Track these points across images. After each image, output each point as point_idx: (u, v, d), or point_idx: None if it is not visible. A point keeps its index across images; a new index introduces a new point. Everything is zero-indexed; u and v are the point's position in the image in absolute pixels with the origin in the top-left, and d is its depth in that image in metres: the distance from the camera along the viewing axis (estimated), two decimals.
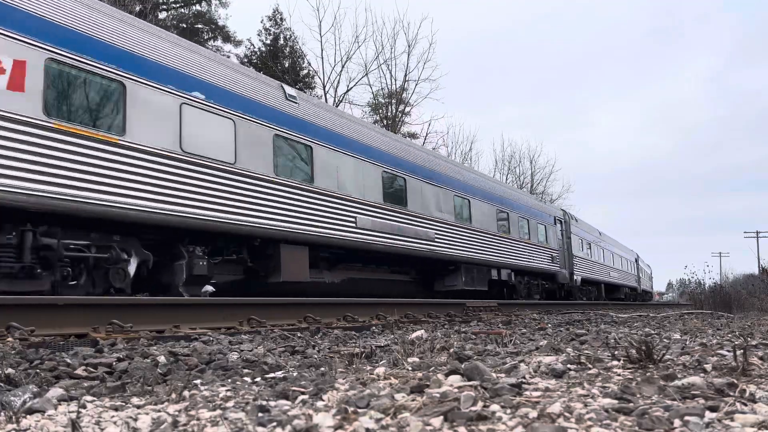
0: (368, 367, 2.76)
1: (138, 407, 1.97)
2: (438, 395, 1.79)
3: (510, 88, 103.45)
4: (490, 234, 15.71)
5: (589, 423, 1.47)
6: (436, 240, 13.10)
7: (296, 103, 10.23)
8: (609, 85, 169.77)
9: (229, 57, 28.14)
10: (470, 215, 14.84)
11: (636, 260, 37.34)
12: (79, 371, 2.80)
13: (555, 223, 20.54)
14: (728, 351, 2.78)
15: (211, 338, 4.79)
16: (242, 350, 3.78)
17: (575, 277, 21.61)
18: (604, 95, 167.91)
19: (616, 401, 1.69)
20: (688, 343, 3.61)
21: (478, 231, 15.09)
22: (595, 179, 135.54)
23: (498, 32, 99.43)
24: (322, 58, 29.06)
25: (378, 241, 11.26)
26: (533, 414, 1.54)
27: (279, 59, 30.72)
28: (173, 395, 2.13)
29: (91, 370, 2.85)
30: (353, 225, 10.68)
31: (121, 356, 3.27)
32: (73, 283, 6.88)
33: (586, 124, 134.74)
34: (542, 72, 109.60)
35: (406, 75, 30.64)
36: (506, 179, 42.10)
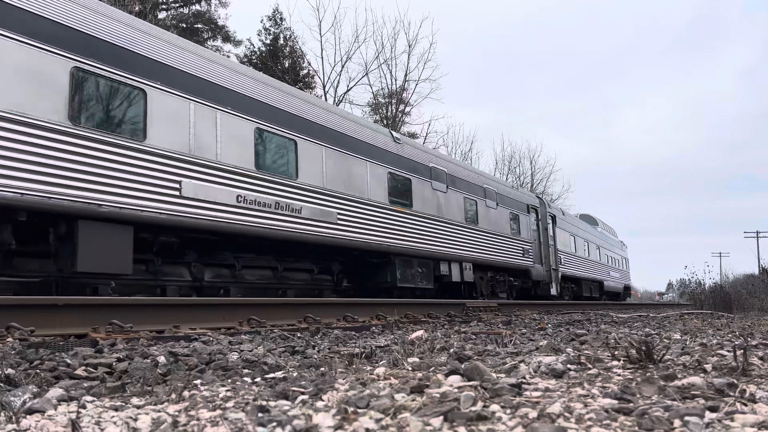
0: (368, 367, 2.76)
1: (138, 407, 1.96)
2: (438, 395, 1.79)
3: (539, 83, 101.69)
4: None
5: (589, 423, 1.47)
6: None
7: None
8: (642, 80, 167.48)
9: (228, 57, 28.15)
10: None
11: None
12: (79, 371, 2.80)
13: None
14: (728, 351, 2.78)
15: (211, 338, 4.79)
16: (242, 350, 3.78)
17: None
18: (637, 90, 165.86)
19: (616, 401, 1.69)
20: (688, 343, 3.61)
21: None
22: (614, 177, 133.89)
23: (530, 26, 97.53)
24: (322, 58, 29.13)
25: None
26: (533, 414, 1.54)
27: (279, 59, 30.73)
28: (173, 395, 2.13)
29: (91, 370, 2.85)
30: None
31: (121, 356, 3.26)
32: None
33: (614, 120, 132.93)
34: (572, 67, 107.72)
35: (406, 75, 30.70)
36: (506, 179, 42.11)
